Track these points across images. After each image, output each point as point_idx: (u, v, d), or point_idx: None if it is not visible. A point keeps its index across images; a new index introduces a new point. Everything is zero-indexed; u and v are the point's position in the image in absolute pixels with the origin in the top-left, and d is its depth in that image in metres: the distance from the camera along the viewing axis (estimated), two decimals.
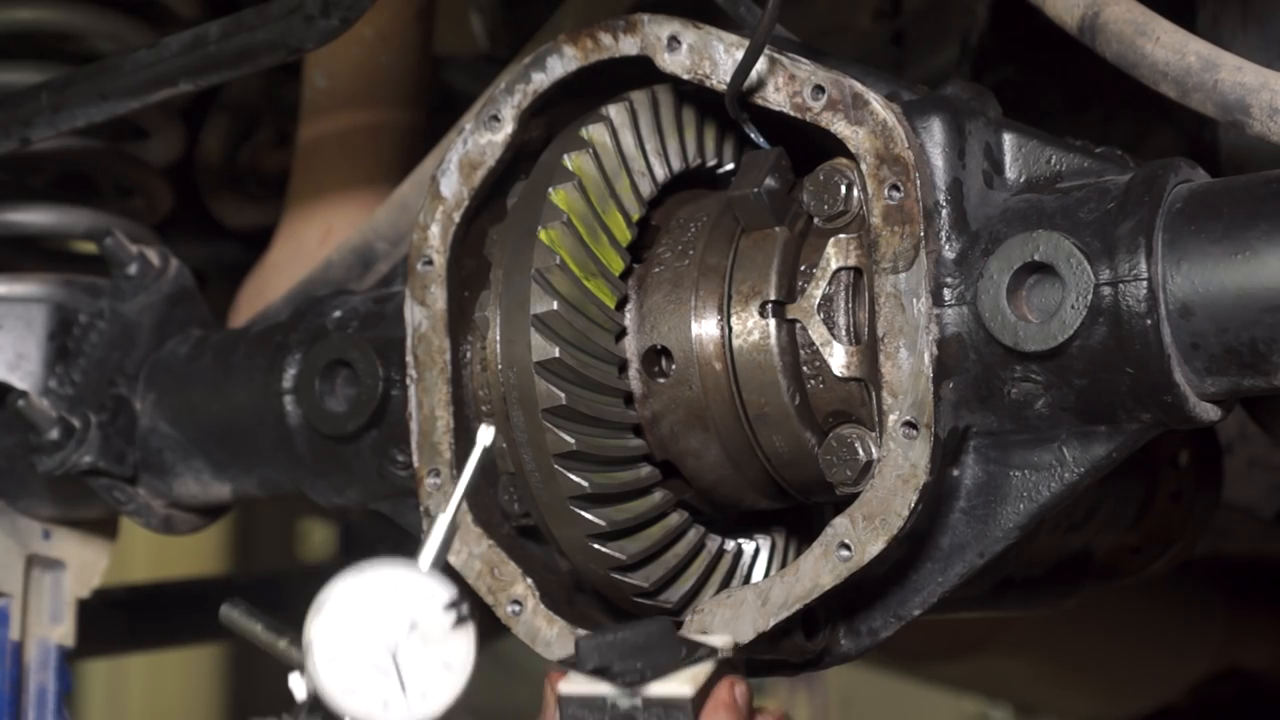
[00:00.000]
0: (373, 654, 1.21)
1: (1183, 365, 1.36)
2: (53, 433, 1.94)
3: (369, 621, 1.21)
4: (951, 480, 1.45)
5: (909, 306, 1.41)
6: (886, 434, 1.42)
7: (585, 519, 1.53)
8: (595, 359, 1.51)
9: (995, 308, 1.39)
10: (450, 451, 1.61)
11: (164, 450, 1.98)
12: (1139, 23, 1.41)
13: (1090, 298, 1.35)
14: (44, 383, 2.02)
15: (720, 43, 1.50)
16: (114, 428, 1.96)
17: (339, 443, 1.82)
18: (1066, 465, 1.43)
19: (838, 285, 1.48)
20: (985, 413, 1.43)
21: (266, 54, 1.64)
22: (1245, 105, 1.36)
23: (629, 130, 1.57)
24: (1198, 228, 1.36)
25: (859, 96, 1.45)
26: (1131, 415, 1.40)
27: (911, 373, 1.41)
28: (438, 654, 1.21)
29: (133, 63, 1.74)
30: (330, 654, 1.21)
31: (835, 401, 1.49)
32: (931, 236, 1.42)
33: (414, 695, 1.20)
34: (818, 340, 1.47)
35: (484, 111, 1.60)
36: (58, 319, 2.04)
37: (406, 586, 1.22)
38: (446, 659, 1.21)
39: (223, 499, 2.05)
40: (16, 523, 2.16)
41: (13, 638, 2.14)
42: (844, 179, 1.48)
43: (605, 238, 1.53)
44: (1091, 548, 1.97)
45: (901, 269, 1.42)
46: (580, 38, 1.56)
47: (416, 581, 1.22)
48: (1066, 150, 1.50)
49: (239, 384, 1.93)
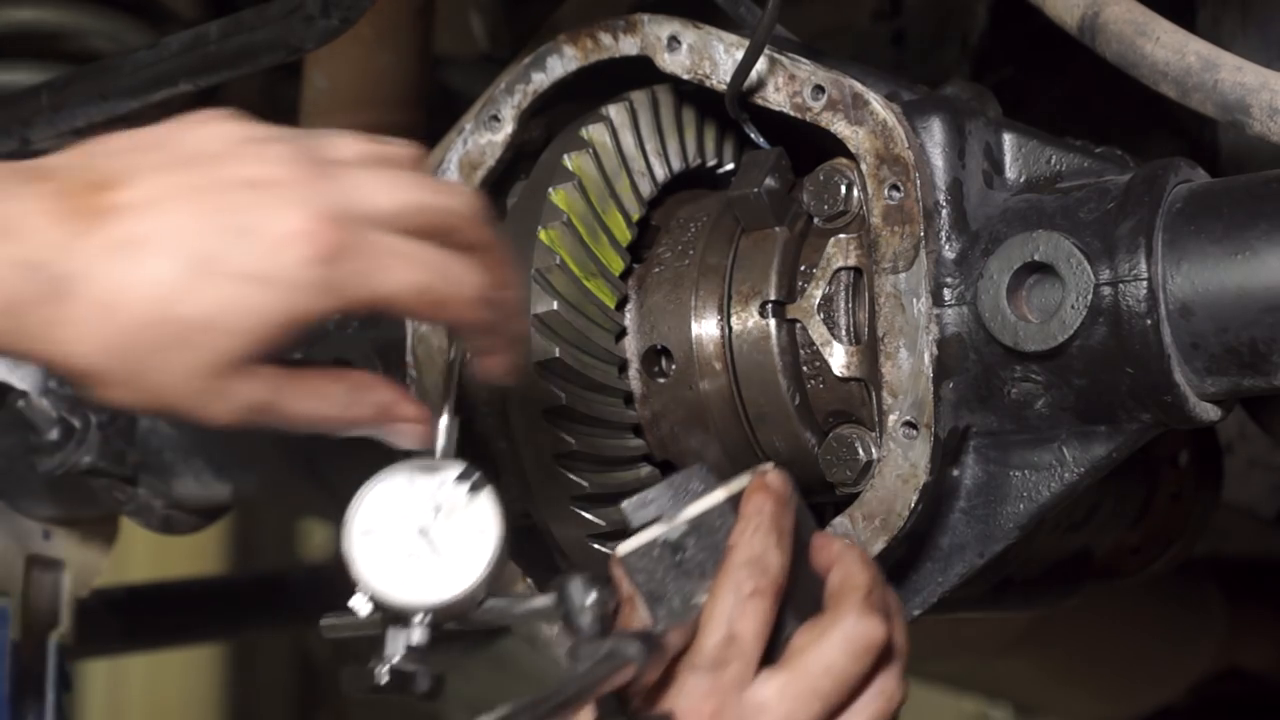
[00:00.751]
0: (410, 546, 1.27)
1: (1183, 365, 1.36)
2: (53, 433, 1.94)
3: (395, 521, 1.27)
4: (951, 480, 1.45)
5: (909, 306, 1.41)
6: (886, 434, 1.42)
7: (585, 519, 1.53)
8: (595, 359, 1.51)
9: (995, 308, 1.39)
10: None
11: (164, 450, 1.98)
12: (1139, 23, 1.41)
13: (1090, 298, 1.35)
14: (44, 383, 2.01)
15: (720, 43, 1.50)
16: (114, 428, 1.96)
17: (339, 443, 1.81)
18: (1066, 465, 1.43)
19: (838, 285, 1.48)
20: (985, 413, 1.44)
21: (266, 54, 1.64)
22: (1245, 105, 1.36)
23: (629, 130, 1.57)
24: (1198, 228, 1.36)
25: (859, 96, 1.45)
26: (1131, 415, 1.40)
27: (911, 373, 1.41)
28: (466, 523, 1.27)
29: (133, 63, 1.74)
30: (372, 562, 1.26)
31: (835, 401, 1.49)
32: (931, 236, 1.42)
33: (458, 566, 1.26)
34: (818, 340, 1.47)
35: (484, 111, 1.60)
36: None
37: (418, 480, 1.28)
38: (476, 525, 1.27)
39: (223, 499, 2.05)
40: (16, 523, 2.16)
41: (13, 638, 2.14)
42: (844, 179, 1.48)
43: (605, 238, 1.53)
44: (1091, 548, 1.97)
45: (901, 269, 1.42)
46: (580, 38, 1.56)
47: (426, 472, 1.29)
48: (1066, 150, 1.50)
49: None
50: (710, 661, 1.22)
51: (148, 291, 1.05)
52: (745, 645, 1.23)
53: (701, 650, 1.23)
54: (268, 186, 1.09)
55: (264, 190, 1.09)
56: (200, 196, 1.08)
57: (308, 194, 1.10)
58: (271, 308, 1.08)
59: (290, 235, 1.08)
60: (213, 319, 1.07)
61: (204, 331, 1.07)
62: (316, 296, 1.08)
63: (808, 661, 1.24)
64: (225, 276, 1.07)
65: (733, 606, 1.24)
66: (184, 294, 1.06)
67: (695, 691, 1.22)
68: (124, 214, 1.06)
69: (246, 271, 1.07)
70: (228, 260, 1.07)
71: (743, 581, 1.24)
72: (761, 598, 1.24)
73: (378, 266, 1.11)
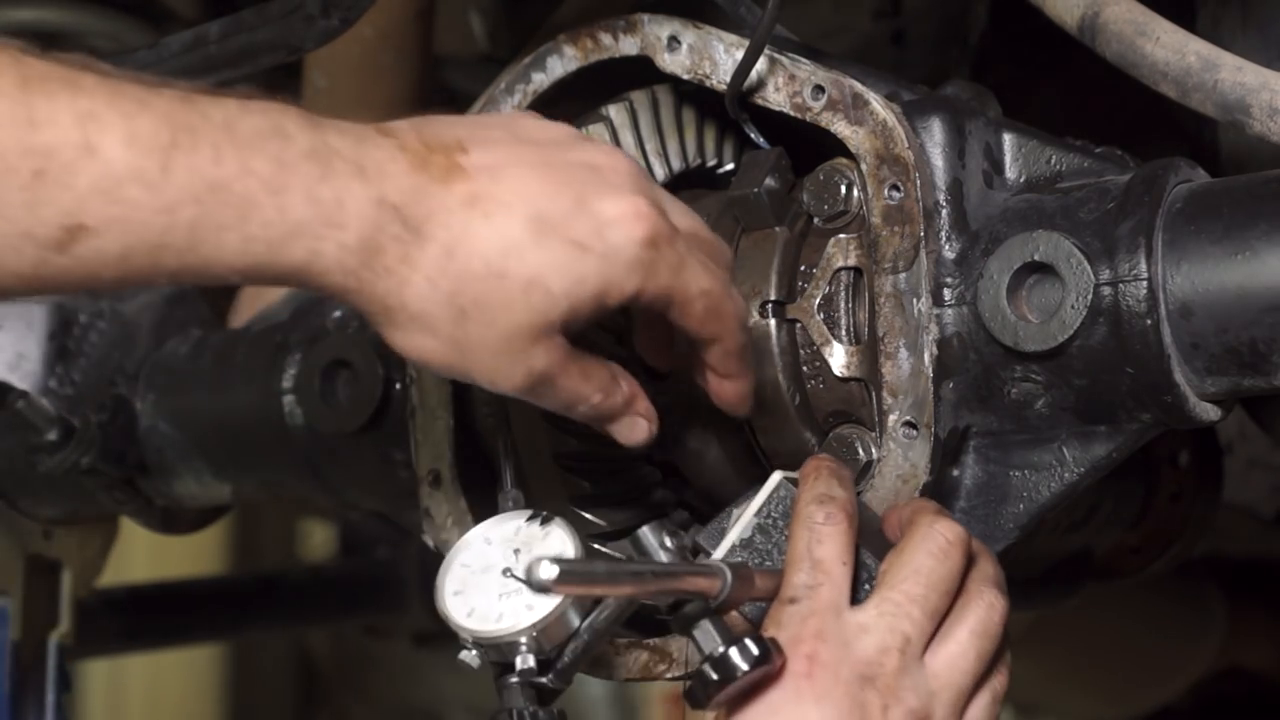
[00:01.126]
0: (498, 586, 1.29)
1: (1183, 365, 1.36)
2: (53, 433, 1.94)
3: (481, 573, 1.30)
4: (951, 480, 1.45)
5: (909, 306, 1.41)
6: (886, 434, 1.42)
7: (586, 519, 1.53)
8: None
9: (995, 308, 1.39)
10: (450, 451, 1.60)
11: (164, 450, 1.98)
12: (1139, 23, 1.41)
13: (1090, 298, 1.35)
14: (44, 383, 2.02)
15: (720, 43, 1.50)
16: (114, 428, 1.96)
17: (339, 443, 1.82)
18: (1066, 465, 1.43)
19: (838, 285, 1.48)
20: (985, 413, 1.44)
21: (266, 54, 1.64)
22: (1245, 105, 1.36)
23: (629, 130, 1.57)
24: (1198, 228, 1.36)
25: (859, 96, 1.45)
26: (1131, 415, 1.40)
27: (911, 373, 1.41)
28: (544, 551, 1.30)
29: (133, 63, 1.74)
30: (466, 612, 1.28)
31: (835, 401, 1.49)
32: (931, 236, 1.42)
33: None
34: (818, 340, 1.47)
35: (484, 111, 1.60)
36: (58, 319, 2.04)
37: (493, 535, 1.33)
38: (553, 550, 1.30)
39: (223, 499, 2.05)
40: (16, 523, 2.16)
41: (13, 638, 2.14)
42: (844, 179, 1.48)
43: None
44: (1091, 548, 1.97)
45: (901, 269, 1.42)
46: (580, 38, 1.56)
47: (498, 527, 1.33)
48: (1066, 150, 1.50)
49: (239, 384, 1.93)
50: (800, 590, 1.25)
51: (493, 245, 1.14)
52: (830, 567, 1.25)
53: (790, 583, 1.26)
54: (607, 171, 1.21)
55: (603, 173, 1.20)
56: (544, 169, 1.18)
57: (641, 185, 1.23)
58: (594, 276, 1.18)
59: (624, 215, 1.19)
60: (542, 277, 1.15)
61: (530, 290, 1.15)
62: (632, 274, 1.19)
63: (894, 575, 1.27)
64: (560, 240, 1.16)
65: (809, 538, 1.27)
66: (523, 251, 1.14)
67: (793, 620, 1.23)
68: (474, 174, 1.15)
69: (580, 239, 1.17)
70: (566, 226, 1.16)
71: (813, 514, 1.28)
72: (834, 524, 1.27)
73: (685, 264, 1.23)
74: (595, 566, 1.20)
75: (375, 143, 1.14)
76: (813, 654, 1.21)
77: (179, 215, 1.07)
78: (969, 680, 1.27)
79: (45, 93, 1.04)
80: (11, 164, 1.03)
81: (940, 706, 1.25)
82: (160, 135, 1.06)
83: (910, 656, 1.24)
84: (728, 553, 1.31)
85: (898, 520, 1.35)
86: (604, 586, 1.19)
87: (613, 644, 1.52)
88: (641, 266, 1.20)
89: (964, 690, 1.27)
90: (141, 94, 1.08)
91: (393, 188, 1.12)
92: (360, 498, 1.89)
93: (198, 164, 1.07)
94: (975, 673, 1.28)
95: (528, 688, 1.27)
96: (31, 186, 1.03)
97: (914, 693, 1.23)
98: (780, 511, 1.32)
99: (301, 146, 1.10)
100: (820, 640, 1.22)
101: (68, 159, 1.04)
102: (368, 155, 1.12)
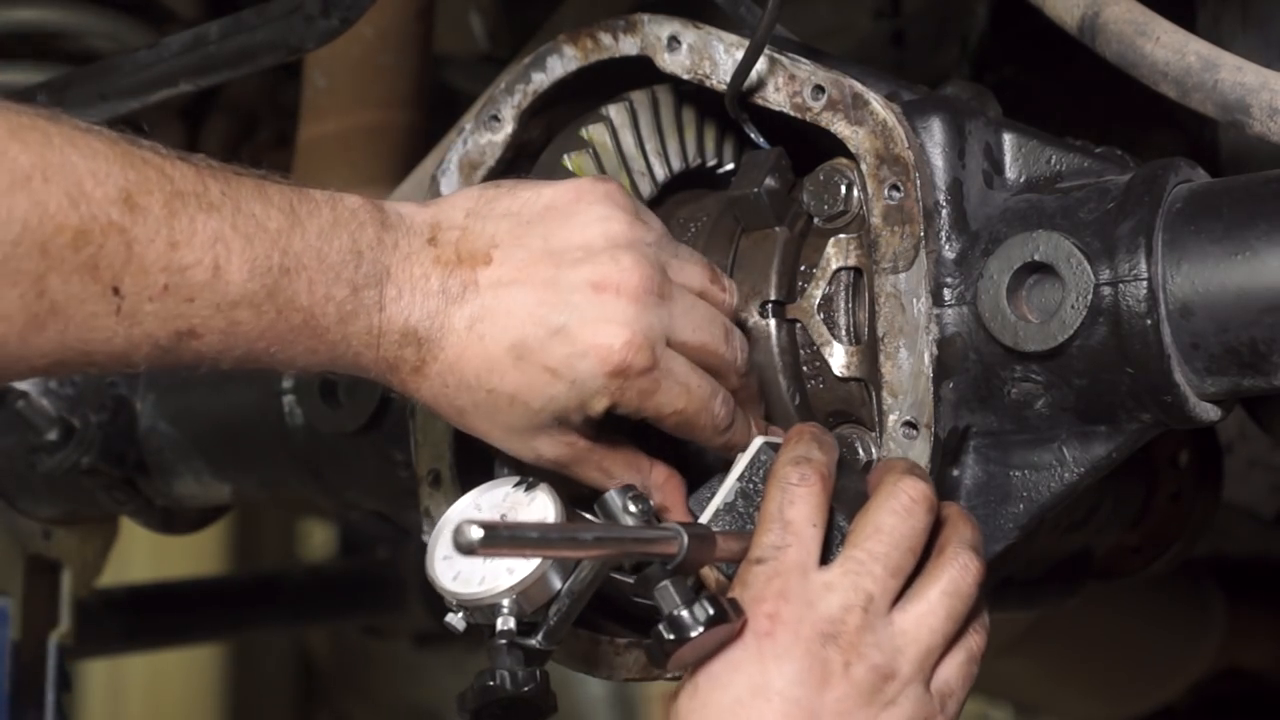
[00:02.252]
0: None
1: (1183, 365, 1.36)
2: (53, 433, 1.94)
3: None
4: (951, 480, 1.45)
5: (909, 306, 1.41)
6: (886, 434, 1.42)
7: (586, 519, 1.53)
8: None
9: (995, 308, 1.39)
10: (450, 451, 1.60)
11: (164, 450, 1.98)
12: (1139, 23, 1.41)
13: (1090, 298, 1.35)
14: (44, 382, 2.02)
15: (720, 43, 1.50)
16: (114, 428, 1.96)
17: (339, 443, 1.82)
18: (1066, 465, 1.43)
19: (838, 285, 1.48)
20: (985, 413, 1.43)
21: (266, 54, 1.64)
22: (1245, 105, 1.36)
23: (629, 130, 1.57)
24: (1198, 228, 1.36)
25: (859, 96, 1.44)
26: (1131, 415, 1.40)
27: (911, 373, 1.41)
28: (529, 516, 1.35)
29: (133, 63, 1.74)
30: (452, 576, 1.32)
31: (835, 401, 1.49)
32: (931, 236, 1.42)
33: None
34: (818, 340, 1.47)
35: (484, 111, 1.60)
36: None
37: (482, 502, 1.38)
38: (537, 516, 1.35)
39: (223, 499, 2.05)
40: (16, 523, 2.16)
41: (13, 638, 2.14)
42: (844, 179, 1.48)
43: None
44: (1091, 548, 1.97)
45: (901, 269, 1.42)
46: (580, 38, 1.56)
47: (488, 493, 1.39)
48: (1066, 150, 1.49)
49: (239, 383, 1.93)
50: (768, 550, 1.26)
51: (482, 364, 1.30)
52: (799, 529, 1.27)
53: (759, 544, 1.28)
54: (607, 294, 1.31)
55: (601, 296, 1.31)
56: (546, 291, 1.31)
57: (634, 314, 1.31)
58: (563, 398, 1.31)
59: (598, 347, 1.30)
60: (521, 395, 1.31)
61: (514, 403, 1.32)
62: (599, 398, 1.31)
63: (858, 533, 1.29)
64: (535, 366, 1.30)
65: (781, 499, 1.29)
66: (504, 372, 1.31)
67: (758, 579, 1.25)
68: (484, 290, 1.30)
69: (552, 366, 1.30)
70: (542, 353, 1.30)
71: (788, 475, 1.30)
72: (807, 486, 1.29)
73: (658, 389, 1.34)
74: (525, 531, 1.22)
75: (419, 257, 1.30)
76: (774, 613, 1.23)
77: (271, 335, 1.24)
78: (938, 639, 1.29)
79: (186, 214, 1.19)
80: (151, 279, 1.17)
81: (906, 663, 1.26)
82: (271, 259, 1.22)
83: (874, 614, 1.26)
84: (712, 517, 1.34)
85: (876, 479, 1.36)
86: (536, 549, 1.22)
87: (613, 644, 1.52)
88: (608, 393, 1.32)
89: (933, 648, 1.28)
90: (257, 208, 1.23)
91: (419, 312, 1.29)
92: (360, 498, 1.89)
93: (295, 294, 1.24)
94: (945, 632, 1.29)
95: (515, 649, 1.29)
96: (160, 298, 1.18)
97: (878, 649, 1.25)
98: (762, 476, 1.34)
99: (368, 270, 1.28)
100: (783, 599, 1.24)
101: (198, 280, 1.19)
102: (407, 273, 1.29)
